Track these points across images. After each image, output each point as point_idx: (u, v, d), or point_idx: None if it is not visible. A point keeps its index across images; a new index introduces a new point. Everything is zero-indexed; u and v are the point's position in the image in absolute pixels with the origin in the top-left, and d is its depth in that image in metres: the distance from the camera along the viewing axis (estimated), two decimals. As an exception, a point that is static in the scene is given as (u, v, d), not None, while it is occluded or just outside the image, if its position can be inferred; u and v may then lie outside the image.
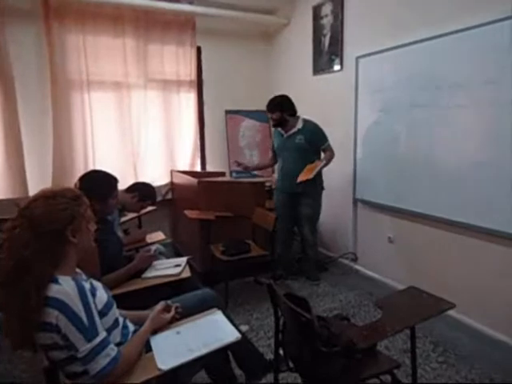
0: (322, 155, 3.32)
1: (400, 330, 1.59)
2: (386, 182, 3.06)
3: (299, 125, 3.26)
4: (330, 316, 1.98)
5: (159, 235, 2.76)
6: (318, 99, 3.86)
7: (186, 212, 3.18)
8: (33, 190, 3.48)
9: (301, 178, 3.13)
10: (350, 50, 3.40)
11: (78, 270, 1.36)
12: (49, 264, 1.21)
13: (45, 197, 1.26)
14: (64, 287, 1.20)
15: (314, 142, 3.25)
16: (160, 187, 4.11)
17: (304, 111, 3.61)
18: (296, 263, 3.57)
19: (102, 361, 1.20)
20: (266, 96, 3.38)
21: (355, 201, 3.45)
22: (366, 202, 3.34)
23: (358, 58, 3.23)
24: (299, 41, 4.09)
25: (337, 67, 3.59)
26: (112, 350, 1.23)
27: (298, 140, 3.24)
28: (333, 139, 3.57)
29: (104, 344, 1.21)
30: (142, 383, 1.26)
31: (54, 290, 1.18)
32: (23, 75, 3.45)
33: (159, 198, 4.08)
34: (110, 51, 3.74)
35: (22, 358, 2.12)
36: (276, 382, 1.75)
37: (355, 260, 3.52)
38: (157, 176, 4.10)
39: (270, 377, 1.94)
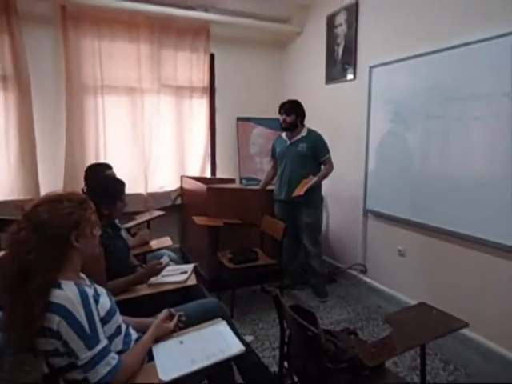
0: (322, 167, 3.29)
1: (410, 348, 1.54)
2: (399, 193, 3.00)
3: (303, 132, 3.26)
4: (337, 329, 1.93)
5: (167, 241, 2.75)
6: (330, 108, 3.84)
7: (195, 218, 3.17)
8: (44, 192, 3.51)
9: (295, 193, 3.14)
10: (364, 59, 3.37)
11: (81, 275, 1.35)
12: (53, 269, 1.19)
13: (50, 201, 1.25)
14: (66, 293, 1.18)
15: (316, 152, 3.23)
16: (170, 192, 4.12)
17: (316, 120, 3.60)
18: (303, 273, 3.52)
19: (102, 370, 1.18)
20: (278, 104, 3.37)
21: (365, 211, 3.39)
22: (376, 213, 3.28)
23: (371, 67, 3.21)
24: (312, 49, 4.08)
25: (350, 76, 3.56)
26: (113, 359, 1.21)
27: (300, 148, 3.22)
28: (344, 149, 3.55)
29: (105, 352, 1.19)
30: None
31: (56, 296, 1.17)
32: (39, 79, 3.50)
33: (169, 203, 4.10)
34: (125, 56, 3.79)
35: (22, 363, 2.12)
36: (280, 396, 1.71)
37: (364, 272, 3.46)
38: (167, 181, 4.12)
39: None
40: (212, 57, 4.23)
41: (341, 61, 3.66)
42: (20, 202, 3.31)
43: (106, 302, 1.33)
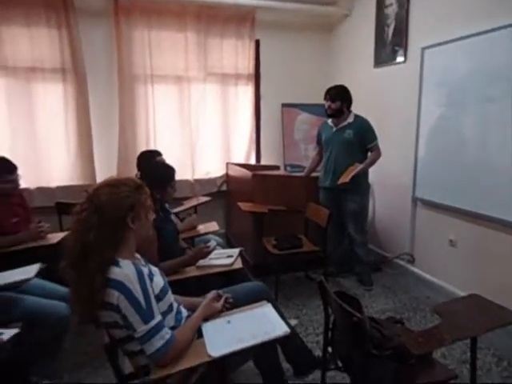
0: (369, 154, 3.20)
1: (460, 339, 1.50)
2: (451, 181, 2.87)
3: (350, 119, 3.18)
4: (382, 318, 1.91)
5: (213, 225, 2.83)
6: (378, 93, 3.71)
7: (240, 204, 3.23)
8: (100, 178, 3.74)
9: (340, 180, 3.09)
10: (415, 40, 3.21)
11: (137, 256, 1.44)
12: (111, 247, 1.29)
13: (109, 185, 1.35)
14: (124, 270, 1.27)
15: (363, 139, 3.15)
16: (216, 179, 4.22)
17: (363, 105, 3.50)
18: (348, 261, 3.48)
19: (157, 343, 1.26)
20: (324, 89, 3.30)
21: (414, 199, 3.28)
22: (426, 202, 3.16)
23: (423, 48, 3.05)
24: (360, 32, 3.95)
25: (400, 59, 3.41)
26: (167, 334, 1.29)
27: (346, 134, 3.15)
28: (392, 135, 3.43)
29: (159, 327, 1.27)
30: (192, 368, 1.32)
31: (115, 273, 1.26)
32: (93, 71, 3.69)
33: (214, 189, 4.20)
34: (173, 46, 3.88)
35: (86, 334, 2.31)
36: (323, 381, 1.73)
37: (412, 262, 3.36)
38: (213, 168, 4.21)
39: (317, 373, 1.93)
40: (257, 43, 4.22)
41: (390, 42, 3.52)
42: (79, 188, 3.55)
43: (159, 280, 1.41)
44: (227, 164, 4.23)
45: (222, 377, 1.37)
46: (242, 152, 4.29)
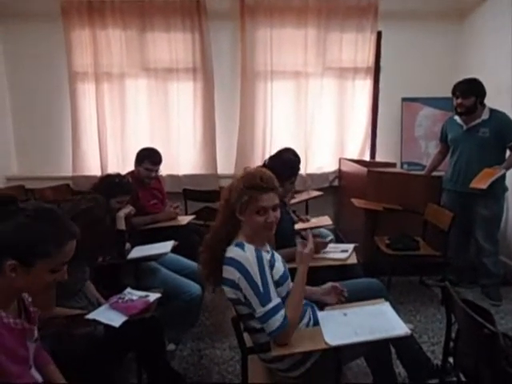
0: (508, 153, 2.82)
1: None
2: None
3: (485, 115, 2.83)
4: (514, 337, 1.71)
5: (326, 220, 2.86)
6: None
7: (353, 200, 3.18)
8: (220, 169, 4.05)
9: (474, 183, 2.74)
10: None
11: (265, 243, 1.55)
12: (231, 228, 1.48)
13: (238, 177, 1.50)
14: (246, 254, 1.39)
15: (502, 137, 2.78)
16: (328, 174, 4.21)
17: (500, 100, 3.10)
18: (472, 271, 3.15)
19: (273, 324, 1.33)
20: (451, 82, 3.01)
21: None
22: None
23: None
24: (500, 17, 3.47)
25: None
26: (281, 317, 1.35)
27: (481, 133, 2.82)
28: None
29: (275, 310, 1.35)
30: (307, 353, 1.39)
31: (239, 255, 1.40)
32: (219, 69, 3.98)
33: (326, 184, 4.19)
34: (293, 42, 3.96)
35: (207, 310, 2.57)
36: (442, 391, 1.63)
37: (553, 278, 2.90)
38: (325, 163, 4.21)
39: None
40: (379, 35, 4.05)
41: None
42: (202, 177, 3.91)
43: (280, 266, 1.49)
44: (340, 159, 4.18)
45: (336, 366, 1.39)
46: (356, 148, 4.19)
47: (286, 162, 2.31)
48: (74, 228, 1.12)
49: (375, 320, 1.44)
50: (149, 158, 2.75)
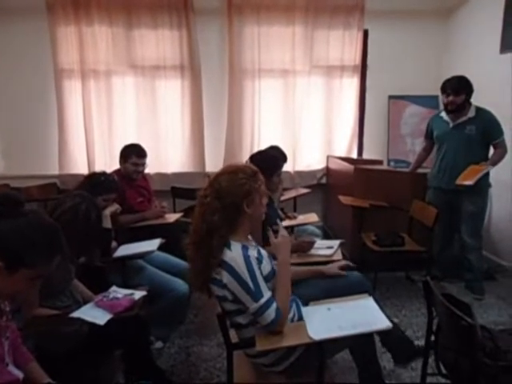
0: (491, 151, 2.87)
1: None
2: None
3: (471, 113, 2.86)
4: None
5: (313, 217, 2.88)
6: (504, 82, 3.30)
7: (341, 197, 3.21)
8: (208, 167, 4.05)
9: (460, 180, 2.77)
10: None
11: (249, 237, 1.55)
12: (229, 230, 1.42)
13: (229, 172, 1.46)
14: (233, 254, 1.39)
15: (487, 135, 2.83)
16: (315, 171, 4.24)
17: (485, 97, 3.16)
18: (456, 266, 3.21)
19: (268, 317, 1.35)
20: (436, 80, 3.08)
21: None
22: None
23: None
24: (485, 14, 3.54)
25: (535, 42, 3.00)
26: (274, 309, 1.37)
27: (468, 131, 2.85)
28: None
29: (268, 304, 1.36)
30: (291, 348, 1.41)
31: (227, 256, 1.39)
32: (207, 67, 3.98)
33: (314, 182, 4.22)
34: (280, 40, 3.98)
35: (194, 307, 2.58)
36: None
37: (535, 273, 2.97)
38: (313, 160, 4.24)
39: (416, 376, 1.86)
40: (365, 33, 4.08)
41: (524, 24, 3.10)
42: (190, 175, 3.90)
43: (267, 264, 1.50)
44: (328, 157, 4.22)
45: (320, 360, 1.41)
46: (343, 145, 4.23)
47: (269, 157, 2.33)
48: (66, 248, 1.15)
49: (358, 314, 1.46)
50: (134, 152, 2.75)
